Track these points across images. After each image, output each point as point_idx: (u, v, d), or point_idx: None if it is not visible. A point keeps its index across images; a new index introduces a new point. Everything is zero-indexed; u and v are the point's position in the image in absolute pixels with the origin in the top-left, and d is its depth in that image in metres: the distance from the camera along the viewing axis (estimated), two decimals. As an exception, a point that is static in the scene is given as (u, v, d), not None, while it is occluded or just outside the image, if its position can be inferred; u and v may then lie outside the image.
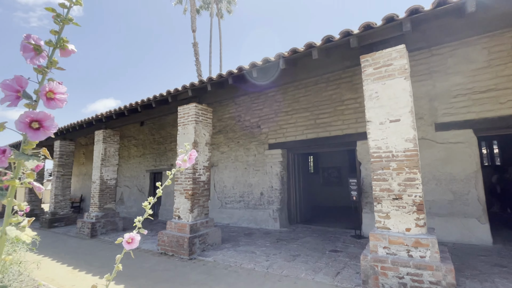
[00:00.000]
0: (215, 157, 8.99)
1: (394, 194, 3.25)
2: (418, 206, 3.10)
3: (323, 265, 4.24)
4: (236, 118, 8.66)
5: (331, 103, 6.87)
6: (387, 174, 3.33)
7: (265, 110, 8.03)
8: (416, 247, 2.99)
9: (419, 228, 3.07)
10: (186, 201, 5.43)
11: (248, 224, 7.77)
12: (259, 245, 5.57)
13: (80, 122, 8.13)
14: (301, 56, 4.12)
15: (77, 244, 6.63)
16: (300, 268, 4.15)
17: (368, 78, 3.58)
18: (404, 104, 3.30)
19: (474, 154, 5.11)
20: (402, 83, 3.34)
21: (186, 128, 5.66)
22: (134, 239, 1.14)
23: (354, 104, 6.50)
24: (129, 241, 1.12)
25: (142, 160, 11.43)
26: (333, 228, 6.96)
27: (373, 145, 3.47)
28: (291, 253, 4.92)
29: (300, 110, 7.36)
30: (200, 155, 5.66)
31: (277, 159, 7.59)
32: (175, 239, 5.20)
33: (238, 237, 6.43)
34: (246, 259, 4.68)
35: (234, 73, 4.68)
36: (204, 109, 5.82)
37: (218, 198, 8.70)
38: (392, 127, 3.35)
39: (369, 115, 3.53)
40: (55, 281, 4.11)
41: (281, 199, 7.41)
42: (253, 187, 7.94)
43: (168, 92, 5.69)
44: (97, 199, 7.75)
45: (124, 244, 1.13)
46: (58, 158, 9.69)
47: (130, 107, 6.52)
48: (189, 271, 4.31)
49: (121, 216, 11.14)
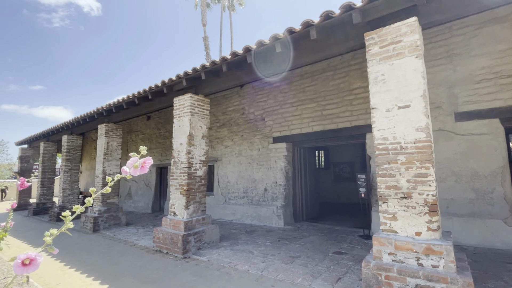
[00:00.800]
0: (219, 151, 8.71)
1: (402, 192, 2.80)
2: (431, 206, 2.63)
3: (324, 269, 3.85)
4: (240, 110, 8.31)
5: (338, 92, 6.36)
6: (394, 169, 2.87)
7: (270, 102, 7.62)
8: (427, 254, 2.54)
9: (431, 233, 2.61)
10: (181, 197, 5.17)
11: (252, 221, 7.45)
12: (258, 244, 5.23)
13: (83, 116, 8.07)
14: (298, 37, 3.69)
15: (78, 238, 6.57)
16: (297, 272, 3.78)
17: (373, 58, 3.11)
18: (415, 87, 2.82)
19: (500, 147, 4.49)
20: (413, 63, 2.85)
21: (182, 120, 5.38)
22: (33, 261, 0.81)
23: (364, 93, 5.96)
24: (26, 263, 0.80)
25: (149, 155, 11.30)
26: (340, 227, 6.51)
27: (379, 135, 3.02)
28: (291, 254, 4.55)
29: (306, 101, 6.90)
30: (196, 149, 5.36)
31: (282, 153, 7.19)
32: (169, 236, 4.96)
33: (238, 235, 6.13)
34: (242, 260, 4.37)
35: (227, 59, 4.31)
36: (200, 100, 5.50)
37: (222, 193, 8.43)
38: (400, 115, 2.88)
39: (374, 101, 3.07)
40: (42, 279, 3.97)
41: (285, 195, 7.03)
42: (257, 182, 7.60)
43: (163, 82, 5.41)
44: (100, 193, 7.67)
45: (17, 267, 0.80)
46: (65, 153, 9.76)
47: (128, 99, 6.31)
48: (180, 272, 4.05)
49: (128, 211, 11.19)
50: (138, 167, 1.16)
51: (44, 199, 11.41)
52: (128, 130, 12.52)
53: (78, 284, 3.74)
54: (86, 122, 8.56)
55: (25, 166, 13.35)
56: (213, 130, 8.96)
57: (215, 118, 8.94)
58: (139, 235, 6.51)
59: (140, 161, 1.19)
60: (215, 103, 8.95)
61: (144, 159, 1.16)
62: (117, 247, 5.57)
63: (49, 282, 3.83)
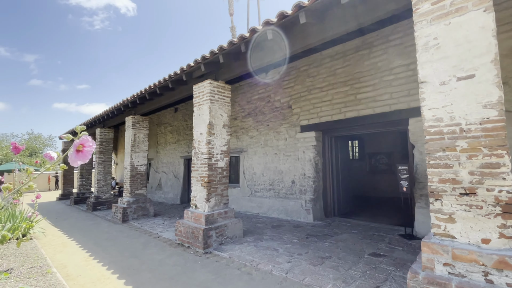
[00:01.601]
0: (244, 142, 8.38)
1: (463, 187, 2.18)
2: (505, 206, 2.00)
3: (358, 274, 3.33)
4: (265, 99, 7.85)
5: (375, 73, 5.61)
6: (451, 158, 2.26)
7: (297, 88, 7.05)
8: (500, 269, 1.93)
9: (505, 240, 1.99)
10: (202, 189, 4.92)
11: (278, 214, 7.06)
12: (284, 241, 4.83)
13: (111, 109, 8.22)
14: (327, 4, 3.12)
15: (108, 228, 6.72)
16: (327, 276, 3.31)
17: (423, 19, 2.46)
18: (482, 51, 2.15)
19: None
20: (480, 19, 2.17)
21: (201, 108, 5.08)
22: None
23: (406, 72, 5.17)
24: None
25: (177, 147, 11.43)
26: (377, 224, 5.85)
27: (430, 116, 2.40)
28: (320, 254, 4.08)
29: (337, 85, 6.23)
30: (217, 139, 5.05)
31: (310, 143, 6.63)
32: (190, 230, 4.76)
33: (264, 229, 5.78)
34: (265, 258, 4.00)
35: (246, 37, 3.88)
36: (220, 87, 5.15)
37: (247, 185, 8.13)
38: (461, 88, 2.23)
39: (424, 73, 2.44)
40: (66, 269, 3.98)
41: (315, 188, 6.50)
42: (284, 174, 7.15)
43: (181, 69, 5.15)
44: (129, 184, 7.81)
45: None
46: (99, 145, 10.14)
47: (149, 89, 6.19)
48: (199, 268, 3.81)
49: (158, 201, 11.44)
50: (72, 155, 0.81)
51: (83, 189, 12.11)
52: (158, 123, 12.74)
53: (97, 277, 3.67)
54: (115, 115, 8.73)
55: (67, 158, 14.32)
56: (238, 120, 8.64)
57: (240, 108, 8.60)
58: (164, 227, 6.46)
59: (75, 143, 0.83)
60: (240, 92, 8.60)
61: (80, 141, 0.80)
62: (141, 238, 5.54)
63: (71, 273, 3.82)
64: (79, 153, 0.81)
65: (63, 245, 5.33)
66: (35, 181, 13.32)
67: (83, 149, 0.81)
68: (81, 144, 0.81)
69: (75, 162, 0.81)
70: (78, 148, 0.81)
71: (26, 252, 4.72)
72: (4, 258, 4.44)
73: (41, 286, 3.27)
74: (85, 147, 0.81)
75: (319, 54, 6.59)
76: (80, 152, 0.81)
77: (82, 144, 0.81)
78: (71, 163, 0.84)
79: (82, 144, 0.81)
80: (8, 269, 3.87)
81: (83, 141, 0.80)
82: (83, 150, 0.81)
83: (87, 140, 0.80)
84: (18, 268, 3.90)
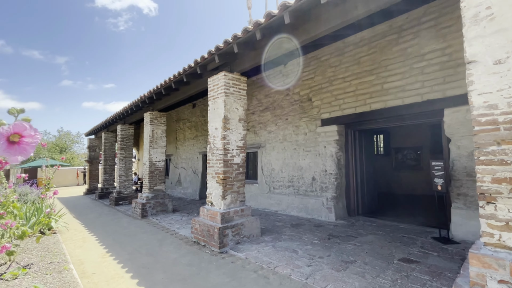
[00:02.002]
0: (262, 137, 8.12)
1: (525, 188, 1.78)
2: None
3: (388, 283, 2.99)
4: (283, 92, 7.52)
5: (405, 59, 5.10)
6: (509, 153, 1.86)
7: (317, 79, 6.65)
8: None
9: None
10: (217, 186, 4.73)
11: (298, 212, 6.75)
12: (304, 242, 4.54)
13: (130, 105, 8.26)
14: (351, -21, 2.75)
15: (127, 224, 6.77)
16: (352, 283, 2.99)
17: (472, -14, 2.05)
18: (553, 19, 1.72)
19: None
20: (550, -21, 1.74)
21: (216, 102, 4.87)
22: None
23: (440, 58, 4.63)
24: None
25: (195, 142, 11.40)
26: (406, 225, 5.38)
27: (480, 102, 1.99)
28: (344, 258, 3.75)
29: (362, 74, 5.76)
30: (232, 134, 4.83)
31: (332, 137, 6.24)
32: (206, 228, 4.60)
33: (282, 228, 5.51)
34: (284, 261, 3.74)
35: (261, 23, 3.58)
36: (236, 79, 4.90)
37: (266, 182, 7.88)
38: (522, 67, 1.82)
39: (473, 51, 2.04)
40: (82, 266, 3.96)
41: (337, 185, 6.12)
42: (304, 170, 6.82)
43: (195, 62, 4.96)
44: (147, 180, 7.83)
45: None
46: (120, 142, 10.32)
47: (165, 84, 6.08)
48: (213, 270, 3.63)
49: (177, 197, 11.51)
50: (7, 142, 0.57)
51: (107, 184, 12.46)
52: (177, 119, 12.78)
53: (111, 275, 3.60)
54: (134, 111, 8.78)
55: (93, 154, 14.80)
56: (255, 115, 8.37)
57: (258, 102, 8.32)
58: (181, 223, 6.39)
59: (5, 128, 0.60)
60: (258, 85, 8.32)
61: (13, 128, 0.57)
62: (158, 235, 5.48)
63: (86, 271, 3.78)
64: (13, 146, 0.58)
65: (83, 240, 5.40)
66: (64, 176, 14.01)
67: (21, 140, 0.58)
68: (16, 133, 0.58)
69: (11, 158, 0.58)
70: (13, 139, 0.58)
71: (48, 247, 4.79)
72: (27, 252, 4.53)
73: (56, 284, 3.24)
74: (24, 137, 0.58)
75: (341, 42, 6.13)
76: (15, 145, 0.58)
77: (17, 133, 0.58)
78: (8, 160, 0.61)
79: (17, 133, 0.58)
80: (28, 264, 3.91)
81: (19, 129, 0.57)
82: (21, 142, 0.58)
83: (25, 128, 0.57)
84: (38, 263, 3.93)
